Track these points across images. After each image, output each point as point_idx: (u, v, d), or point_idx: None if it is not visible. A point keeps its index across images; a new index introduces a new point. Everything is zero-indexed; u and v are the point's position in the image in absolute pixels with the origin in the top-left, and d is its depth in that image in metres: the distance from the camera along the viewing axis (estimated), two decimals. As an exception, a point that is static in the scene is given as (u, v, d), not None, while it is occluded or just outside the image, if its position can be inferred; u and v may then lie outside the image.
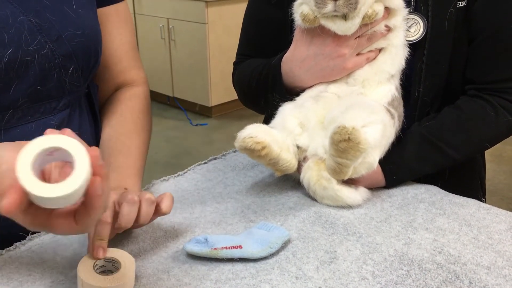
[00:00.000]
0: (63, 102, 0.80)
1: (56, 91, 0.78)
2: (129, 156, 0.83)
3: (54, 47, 0.75)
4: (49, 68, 0.75)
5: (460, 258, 0.67)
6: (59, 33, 0.75)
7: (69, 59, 0.77)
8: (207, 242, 0.68)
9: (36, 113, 0.77)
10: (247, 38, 1.05)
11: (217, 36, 3.62)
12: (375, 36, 0.80)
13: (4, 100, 0.72)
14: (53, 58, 0.75)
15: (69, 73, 0.78)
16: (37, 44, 0.73)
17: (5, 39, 0.70)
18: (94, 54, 0.82)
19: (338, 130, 0.70)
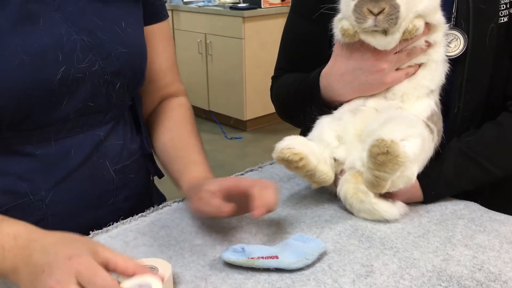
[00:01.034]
0: (109, 115, 0.83)
1: (104, 105, 0.82)
2: (200, 152, 0.88)
3: (104, 65, 0.79)
4: (98, 84, 0.79)
5: (500, 276, 0.66)
6: (108, 51, 0.79)
7: (117, 76, 0.81)
8: (244, 251, 0.69)
9: (84, 125, 0.80)
10: (285, 52, 1.07)
11: (253, 51, 3.66)
12: (415, 52, 0.80)
13: (57, 114, 0.76)
14: (102, 75, 0.79)
15: (116, 88, 0.82)
16: (88, 62, 0.77)
17: (59, 57, 0.74)
18: (139, 71, 0.86)
19: (376, 143, 0.70)
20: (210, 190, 0.73)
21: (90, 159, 0.81)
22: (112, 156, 0.84)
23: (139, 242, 0.76)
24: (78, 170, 0.80)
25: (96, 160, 0.82)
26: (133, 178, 0.89)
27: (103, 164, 0.83)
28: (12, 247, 0.59)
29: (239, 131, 3.89)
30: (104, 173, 0.83)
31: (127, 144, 0.88)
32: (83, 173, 0.80)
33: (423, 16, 0.77)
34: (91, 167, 0.81)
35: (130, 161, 0.88)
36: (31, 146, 0.76)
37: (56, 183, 0.79)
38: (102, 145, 0.83)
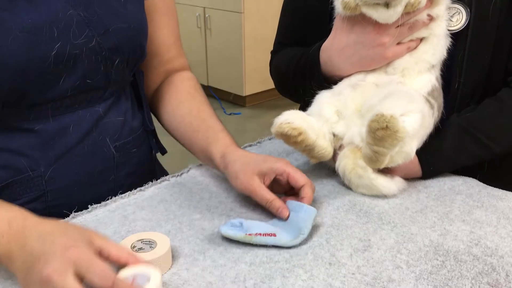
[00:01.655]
0: (108, 91, 0.82)
1: (103, 82, 0.80)
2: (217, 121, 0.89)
3: (101, 40, 0.77)
4: (96, 60, 0.77)
5: (497, 251, 0.66)
6: (106, 27, 0.77)
7: (115, 52, 0.79)
8: (242, 226, 0.69)
9: (83, 102, 0.79)
10: (285, 26, 1.06)
11: (253, 26, 3.62)
12: (416, 25, 0.79)
13: (54, 91, 0.75)
14: (100, 51, 0.77)
15: (115, 65, 0.80)
16: (85, 38, 0.75)
17: (54, 33, 0.72)
18: (139, 47, 0.84)
19: (376, 118, 0.70)
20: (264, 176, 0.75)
21: (89, 136, 0.80)
22: (112, 133, 0.83)
23: (138, 216, 0.76)
24: (78, 147, 0.80)
25: (96, 137, 0.81)
26: (135, 154, 0.89)
27: (103, 141, 0.82)
28: (7, 233, 0.59)
29: (238, 106, 3.87)
30: (105, 150, 0.83)
31: (128, 121, 0.87)
32: (83, 150, 0.80)
33: (425, -11, 0.76)
34: (91, 144, 0.81)
35: (132, 137, 0.87)
36: (29, 123, 0.76)
37: (56, 160, 0.78)
38: (102, 122, 0.82)
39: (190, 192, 0.83)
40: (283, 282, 0.61)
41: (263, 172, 0.75)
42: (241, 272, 0.63)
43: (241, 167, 0.76)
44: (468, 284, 0.60)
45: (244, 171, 0.75)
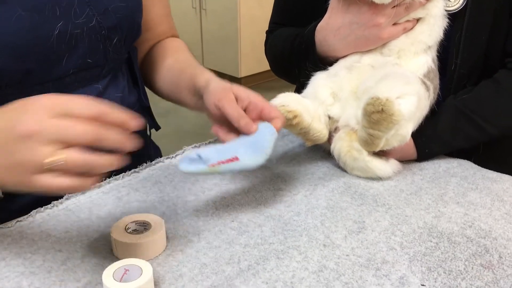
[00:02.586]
0: (106, 69, 0.83)
1: (102, 60, 0.81)
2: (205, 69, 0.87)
3: (101, 20, 0.77)
4: (96, 40, 0.78)
5: (491, 233, 0.66)
6: (105, 6, 0.78)
7: (114, 31, 0.80)
8: (201, 158, 0.64)
9: (83, 80, 0.79)
10: (280, 6, 1.04)
11: (249, 6, 3.58)
12: (413, 6, 0.78)
13: (57, 71, 0.75)
14: (100, 30, 0.78)
15: (113, 43, 0.81)
16: (85, 17, 0.75)
17: (56, 12, 0.72)
18: (137, 25, 0.85)
19: (371, 101, 0.69)
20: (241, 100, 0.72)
21: None
22: None
23: (132, 197, 0.76)
24: None
25: None
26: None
27: None
28: None
29: (233, 88, 3.85)
30: None
31: (125, 97, 0.88)
32: None
33: (423, -32, 0.75)
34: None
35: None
36: None
37: None
38: (102, 97, 0.82)
39: (184, 174, 0.82)
40: (277, 264, 0.61)
41: (239, 95, 0.72)
42: (235, 253, 0.63)
43: (220, 84, 0.75)
44: (461, 266, 0.60)
45: (222, 87, 0.74)
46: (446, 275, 0.59)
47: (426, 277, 0.59)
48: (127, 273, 0.55)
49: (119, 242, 0.61)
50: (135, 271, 0.55)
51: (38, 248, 0.64)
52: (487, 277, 0.59)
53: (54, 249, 0.64)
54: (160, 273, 0.60)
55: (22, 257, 0.63)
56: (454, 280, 0.58)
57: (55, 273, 0.60)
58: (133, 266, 0.56)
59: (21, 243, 0.65)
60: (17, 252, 0.64)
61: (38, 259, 0.62)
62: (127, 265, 0.56)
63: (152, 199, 0.75)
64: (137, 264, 0.56)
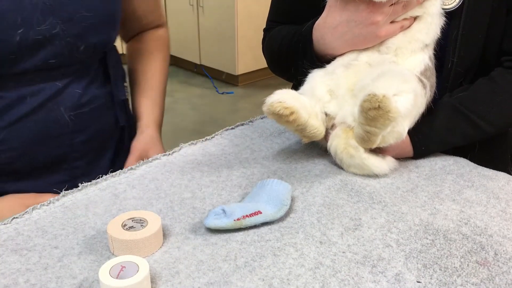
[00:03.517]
0: (72, 69, 0.85)
1: (67, 63, 0.83)
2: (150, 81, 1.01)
3: (65, 28, 0.79)
4: (60, 46, 0.80)
5: (486, 230, 0.67)
6: (70, 15, 0.79)
7: (80, 39, 0.82)
8: (225, 213, 0.67)
9: (45, 78, 0.82)
10: (278, 4, 1.04)
11: (246, 4, 3.58)
12: (410, 4, 0.78)
13: (18, 69, 0.77)
14: (64, 37, 0.80)
15: (80, 50, 0.83)
16: (48, 25, 0.77)
17: (17, 20, 0.74)
18: (107, 35, 0.87)
19: (368, 98, 0.69)
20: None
21: (45, 105, 0.84)
22: (68, 103, 0.87)
23: (129, 194, 0.76)
24: (33, 113, 0.83)
25: (51, 106, 0.85)
26: (93, 123, 0.92)
27: (58, 110, 0.86)
28: None
29: (231, 85, 3.85)
30: (59, 118, 0.86)
31: (88, 93, 0.90)
32: (37, 116, 0.83)
33: (420, -34, 0.75)
34: (46, 111, 0.84)
35: (90, 108, 0.91)
36: None
37: (10, 124, 0.81)
38: (60, 94, 0.85)
39: (181, 171, 0.82)
40: (274, 261, 0.61)
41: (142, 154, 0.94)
42: (232, 250, 0.63)
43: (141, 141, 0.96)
44: (457, 263, 0.61)
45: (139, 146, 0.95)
46: (442, 272, 0.59)
47: (422, 274, 0.59)
48: (124, 270, 0.55)
49: (116, 239, 0.61)
50: (131, 268, 0.55)
51: (34, 245, 0.64)
52: (483, 274, 0.59)
53: (50, 246, 0.64)
54: (157, 270, 0.60)
55: (18, 253, 0.63)
56: (449, 277, 0.58)
57: (51, 270, 0.60)
58: (129, 263, 0.56)
59: (17, 239, 0.65)
60: (13, 249, 0.64)
61: (34, 256, 0.62)
62: (124, 262, 0.56)
63: (149, 196, 0.75)
64: (133, 261, 0.56)
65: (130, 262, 0.56)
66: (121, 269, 0.55)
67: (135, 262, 0.56)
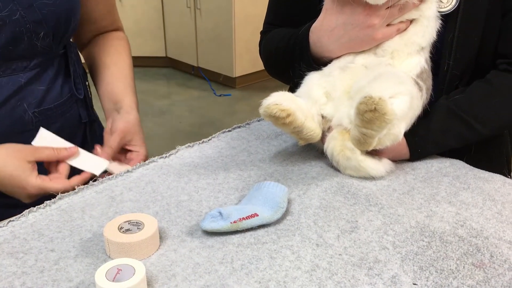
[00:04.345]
0: (34, 62, 0.87)
1: (28, 52, 0.85)
2: (122, 70, 1.00)
3: (25, 14, 0.81)
4: (20, 32, 0.82)
5: (482, 232, 0.67)
6: (30, 1, 0.81)
7: (39, 25, 0.84)
8: (221, 215, 0.67)
9: (7, 70, 0.84)
10: (275, 6, 1.04)
11: (243, 6, 3.58)
12: (407, 7, 0.78)
13: None
14: (24, 23, 0.81)
15: (40, 37, 0.85)
16: (9, 11, 0.79)
17: None
18: (65, 22, 0.88)
19: (364, 100, 0.69)
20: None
21: (8, 101, 0.85)
22: (31, 100, 0.88)
23: (125, 197, 0.76)
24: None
25: (14, 103, 0.86)
26: (57, 120, 0.94)
27: (21, 106, 0.87)
28: None
29: (228, 88, 3.85)
30: (23, 114, 0.87)
31: (51, 90, 0.92)
32: (0, 112, 0.85)
33: (416, -31, 0.75)
34: (9, 108, 0.86)
35: (54, 105, 0.92)
36: None
37: None
38: (22, 90, 0.87)
39: (178, 174, 0.82)
40: (270, 263, 0.61)
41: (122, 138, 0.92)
42: (228, 253, 0.63)
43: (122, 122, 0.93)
44: (453, 265, 0.61)
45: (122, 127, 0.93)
46: (438, 274, 0.59)
47: (418, 276, 0.59)
48: (120, 272, 0.55)
49: (112, 241, 0.61)
50: (128, 270, 0.55)
51: (31, 247, 0.64)
52: (479, 276, 0.59)
53: (46, 248, 0.64)
54: (153, 272, 0.60)
55: (14, 256, 0.62)
56: (445, 279, 0.59)
57: (47, 273, 0.60)
58: (126, 265, 0.56)
59: (13, 242, 0.65)
60: (9, 252, 0.63)
61: (30, 259, 0.62)
62: (120, 264, 0.56)
63: (146, 199, 0.75)
64: (130, 263, 0.56)
65: (127, 265, 0.56)
66: (118, 272, 0.55)
67: (132, 265, 0.56)
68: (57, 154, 0.83)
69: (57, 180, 0.81)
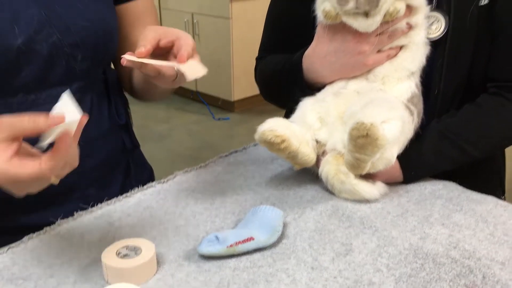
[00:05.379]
0: (74, 87, 0.85)
1: (66, 77, 0.84)
2: None
3: (61, 37, 0.81)
4: (57, 55, 0.81)
5: (475, 253, 0.68)
6: (67, 24, 0.81)
7: (76, 48, 0.83)
8: (218, 240, 0.68)
9: (48, 97, 0.82)
10: (269, 34, 1.07)
11: (241, 31, 3.64)
12: (396, 34, 0.81)
13: (16, 82, 0.78)
14: (61, 46, 0.81)
15: (78, 61, 0.84)
16: (46, 34, 0.79)
17: (15, 30, 0.77)
18: (103, 45, 0.88)
19: (356, 126, 0.71)
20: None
21: None
22: None
23: (124, 222, 0.77)
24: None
25: None
26: (101, 148, 0.92)
27: None
28: None
29: (226, 112, 3.88)
30: None
31: (93, 116, 0.90)
32: None
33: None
34: None
35: (97, 132, 0.91)
36: None
37: None
38: None
39: (175, 199, 0.84)
40: (266, 287, 0.62)
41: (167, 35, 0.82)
42: (225, 277, 0.64)
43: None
44: (446, 286, 0.62)
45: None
46: (431, 295, 0.60)
47: (412, 298, 0.60)
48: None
49: (110, 267, 0.62)
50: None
51: (30, 274, 0.65)
52: (471, 297, 0.60)
53: (46, 274, 0.65)
54: (151, 297, 0.61)
55: (14, 283, 0.63)
56: (438, 301, 0.59)
57: (46, 299, 0.60)
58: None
59: (13, 269, 0.66)
60: (9, 278, 0.64)
61: (29, 285, 0.63)
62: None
63: (143, 224, 0.76)
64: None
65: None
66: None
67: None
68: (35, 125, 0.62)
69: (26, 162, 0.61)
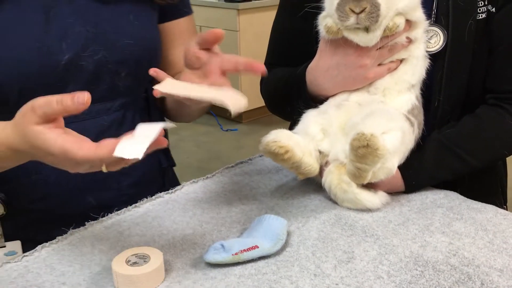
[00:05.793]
0: (117, 103, 0.88)
1: (110, 93, 0.86)
2: None
3: (107, 54, 0.84)
4: (102, 71, 0.84)
5: (474, 261, 0.70)
6: (112, 42, 0.84)
7: (121, 65, 0.86)
8: (223, 248, 0.71)
9: (91, 112, 0.85)
10: (274, 48, 1.10)
11: (248, 43, 3.68)
12: (396, 48, 0.83)
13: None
14: (106, 63, 0.84)
15: (122, 77, 0.87)
16: (92, 51, 0.83)
17: (62, 46, 0.80)
18: (147, 62, 0.90)
19: (357, 137, 0.74)
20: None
21: None
22: None
23: (133, 232, 0.79)
24: None
25: None
26: (139, 167, 0.91)
27: None
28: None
29: (234, 122, 3.92)
30: None
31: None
32: None
33: (403, 13, 0.80)
34: None
35: None
36: None
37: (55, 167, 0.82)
38: (105, 133, 0.86)
39: (183, 209, 0.86)
40: (270, 293, 0.64)
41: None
42: (230, 284, 0.66)
43: None
44: (445, 293, 0.63)
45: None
46: (430, 301, 0.62)
47: (411, 304, 0.61)
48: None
49: (120, 274, 0.65)
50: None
51: (43, 281, 0.68)
52: (469, 303, 0.61)
53: (58, 282, 0.68)
54: (159, 303, 0.63)
55: (28, 289, 0.66)
56: (437, 307, 0.61)
57: (59, 305, 0.63)
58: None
59: (27, 276, 0.69)
60: (23, 286, 0.67)
61: (43, 291, 0.66)
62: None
63: (152, 233, 0.79)
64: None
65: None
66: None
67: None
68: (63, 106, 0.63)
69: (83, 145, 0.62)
